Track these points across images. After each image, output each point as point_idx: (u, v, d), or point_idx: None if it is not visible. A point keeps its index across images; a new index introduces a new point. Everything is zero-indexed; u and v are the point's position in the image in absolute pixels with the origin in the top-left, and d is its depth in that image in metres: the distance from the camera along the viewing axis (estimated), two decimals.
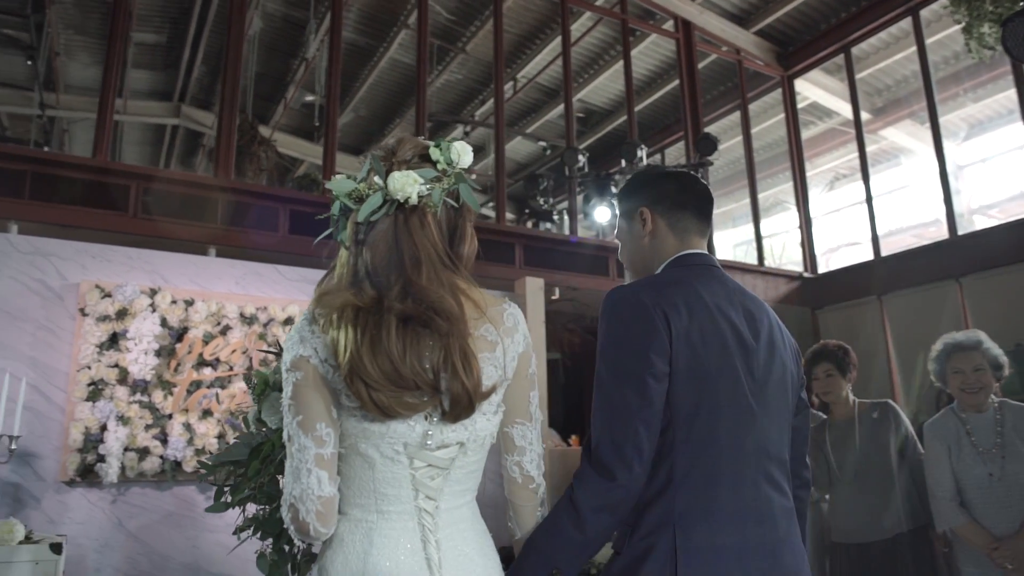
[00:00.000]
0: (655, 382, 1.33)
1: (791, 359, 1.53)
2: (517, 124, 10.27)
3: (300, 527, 1.18)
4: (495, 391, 1.26)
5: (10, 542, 2.51)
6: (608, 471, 1.31)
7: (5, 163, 5.04)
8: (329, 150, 6.18)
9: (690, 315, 1.38)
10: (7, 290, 4.11)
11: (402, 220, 1.24)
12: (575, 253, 6.78)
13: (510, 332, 1.30)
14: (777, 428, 1.44)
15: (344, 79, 9.99)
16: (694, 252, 1.54)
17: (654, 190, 1.59)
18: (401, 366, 1.13)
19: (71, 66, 9.64)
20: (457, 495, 1.27)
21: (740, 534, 1.34)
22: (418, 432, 1.20)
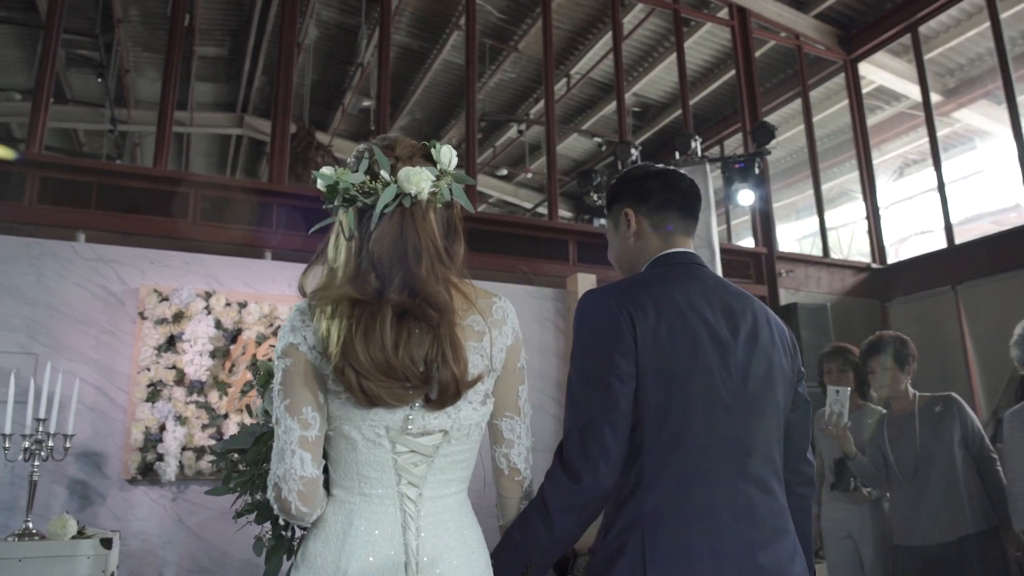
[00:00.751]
0: (620, 384, 1.34)
1: (782, 354, 1.49)
2: (572, 121, 10.19)
3: (283, 506, 1.21)
4: (481, 380, 1.28)
5: (63, 537, 2.61)
6: (575, 472, 1.33)
7: (73, 175, 5.27)
8: None
9: (658, 315, 1.39)
10: (72, 296, 4.28)
11: (409, 214, 1.27)
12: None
13: (498, 324, 1.32)
14: (761, 425, 1.41)
15: (398, 83, 10.12)
16: (676, 251, 1.54)
17: (638, 190, 1.59)
18: (392, 358, 1.16)
19: (140, 82, 10.03)
20: (443, 484, 1.28)
21: (714, 534, 1.33)
22: (399, 416, 1.22)
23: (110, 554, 2.57)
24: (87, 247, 4.43)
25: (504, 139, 10.62)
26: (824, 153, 8.80)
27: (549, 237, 6.56)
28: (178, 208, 5.42)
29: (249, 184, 5.85)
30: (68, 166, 5.30)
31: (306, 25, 9.12)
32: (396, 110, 10.61)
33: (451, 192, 1.32)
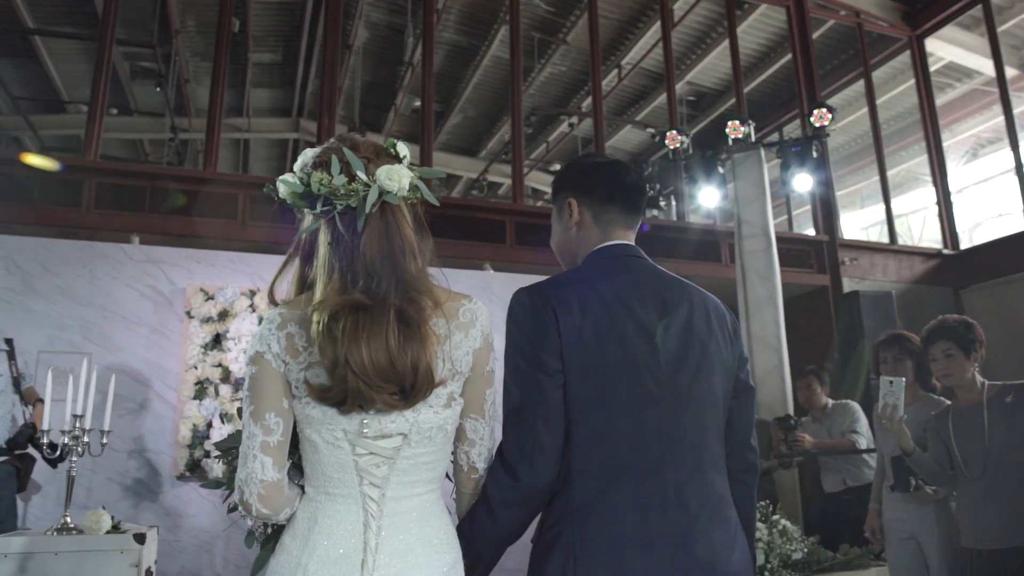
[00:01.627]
0: (548, 378, 1.37)
1: (720, 342, 1.49)
2: (625, 113, 10.02)
3: (245, 507, 1.26)
4: (443, 384, 1.28)
5: (97, 531, 2.64)
6: (512, 469, 1.36)
7: (128, 180, 5.41)
8: (426, 150, 6.22)
9: (583, 311, 1.40)
10: (123, 296, 4.38)
11: (391, 212, 1.28)
12: (681, 240, 6.50)
13: (464, 327, 1.31)
14: (694, 415, 1.42)
15: (448, 81, 10.13)
16: (613, 244, 1.54)
17: (583, 181, 1.59)
18: (397, 361, 1.19)
19: (199, 91, 10.29)
20: (407, 485, 1.28)
21: (644, 525, 1.34)
22: (355, 421, 1.24)
23: (143, 549, 2.59)
24: (137, 249, 4.53)
25: (557, 133, 10.51)
26: (890, 136, 8.41)
27: None
28: (227, 209, 5.51)
29: None
30: (123, 172, 5.44)
31: (355, 27, 9.21)
32: (448, 108, 10.62)
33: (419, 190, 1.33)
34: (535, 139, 11.01)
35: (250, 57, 9.37)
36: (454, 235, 6.02)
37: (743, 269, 5.86)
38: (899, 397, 2.87)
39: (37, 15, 8.30)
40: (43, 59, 8.83)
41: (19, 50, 8.84)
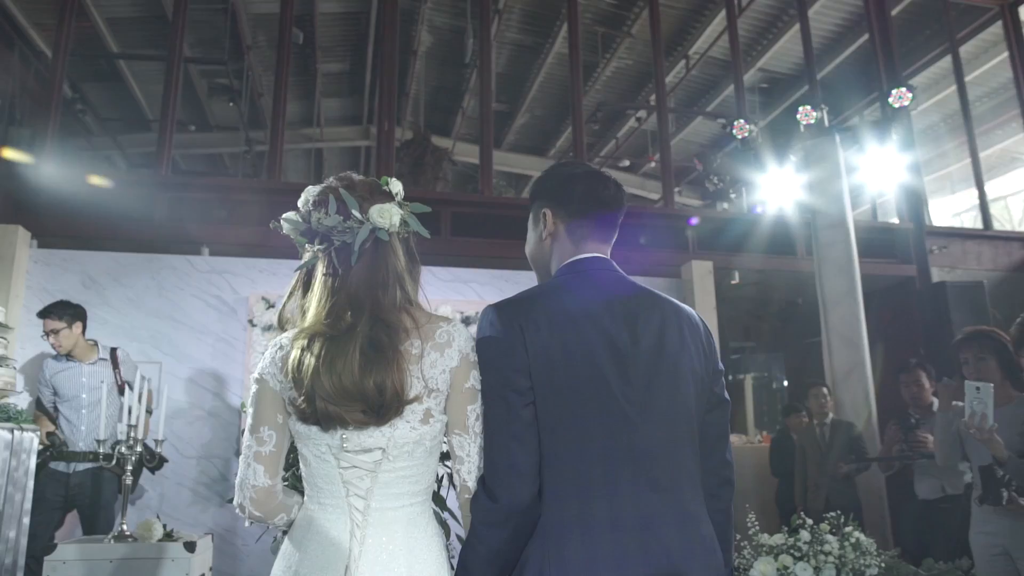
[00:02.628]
0: (518, 396, 1.37)
1: (693, 355, 1.47)
2: (696, 104, 9.73)
3: (240, 508, 1.39)
4: (419, 401, 1.35)
5: (150, 539, 2.70)
6: (490, 490, 1.36)
7: (198, 193, 5.57)
8: (486, 149, 6.18)
9: (551, 328, 1.40)
10: (190, 307, 4.50)
11: (382, 248, 1.40)
12: (752, 233, 6.23)
13: (440, 347, 1.38)
14: (666, 431, 1.41)
15: (514, 82, 10.08)
16: (585, 257, 1.53)
17: (559, 193, 1.58)
18: (359, 384, 1.28)
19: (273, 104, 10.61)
20: (390, 497, 1.36)
21: (618, 542, 1.33)
22: (336, 436, 1.33)
23: (194, 557, 2.63)
24: (202, 260, 4.65)
25: (626, 129, 10.31)
26: (982, 115, 7.86)
27: (665, 225, 6.24)
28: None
29: None
30: (193, 185, 5.61)
31: (419, 32, 9.27)
32: (514, 109, 10.58)
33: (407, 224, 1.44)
34: (604, 136, 10.85)
35: (318, 68, 9.57)
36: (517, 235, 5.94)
37: (820, 261, 5.57)
38: (987, 404, 2.64)
39: (120, 40, 8.70)
40: (128, 81, 9.25)
41: (106, 74, 9.29)
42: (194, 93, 9.99)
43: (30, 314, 4.38)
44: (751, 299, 6.49)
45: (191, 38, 9.05)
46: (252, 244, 5.28)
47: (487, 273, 5.08)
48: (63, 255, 4.52)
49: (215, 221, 5.45)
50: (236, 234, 5.37)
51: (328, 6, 8.78)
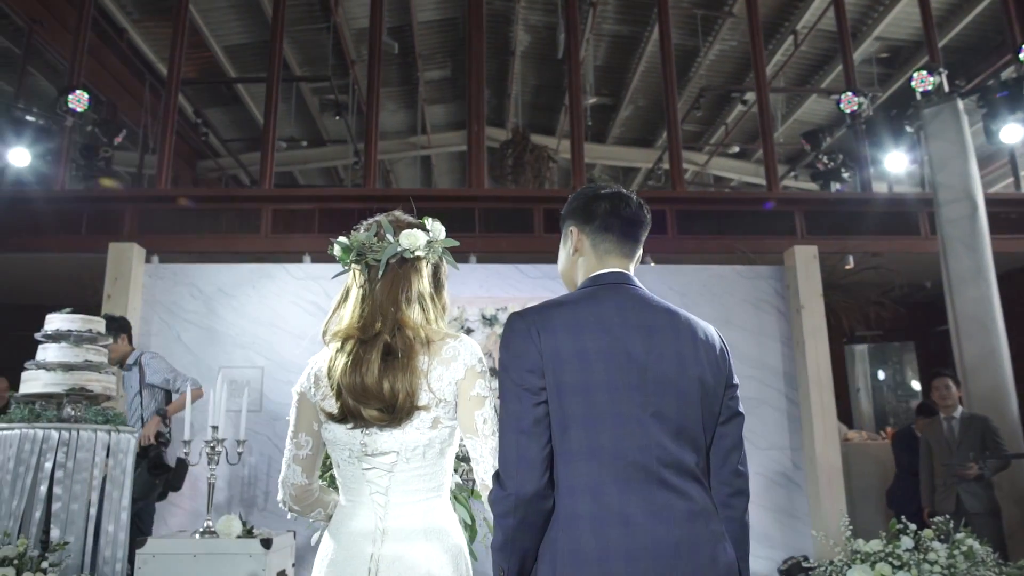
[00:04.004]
0: (531, 395, 1.47)
1: (706, 368, 1.55)
2: (808, 81, 9.20)
3: (283, 502, 1.64)
4: (427, 409, 1.53)
5: (228, 535, 2.81)
6: (501, 481, 1.47)
7: (298, 204, 5.81)
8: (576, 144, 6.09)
9: (567, 334, 1.50)
10: (288, 313, 4.69)
11: (406, 267, 1.61)
12: (867, 213, 5.80)
13: (446, 362, 1.55)
14: (675, 436, 1.49)
15: (615, 73, 9.90)
16: (607, 271, 1.65)
17: (585, 211, 1.69)
18: (376, 384, 1.49)
19: (382, 115, 10.93)
20: (408, 493, 1.55)
21: (629, 537, 1.41)
22: (357, 441, 1.54)
23: (269, 554, 2.72)
24: (298, 267, 4.83)
25: (735, 113, 9.89)
26: None
27: (771, 210, 5.92)
28: None
29: (450, 192, 6.02)
30: (294, 196, 5.86)
31: (516, 32, 9.29)
32: (617, 101, 10.39)
33: (440, 256, 1.67)
34: (713, 122, 10.46)
35: (420, 76, 9.78)
36: None
37: (944, 239, 5.09)
38: None
39: (237, 66, 9.25)
40: (246, 103, 9.82)
41: (226, 98, 9.91)
42: (307, 110, 10.47)
43: (147, 324, 4.72)
44: (870, 285, 6.03)
45: (299, 57, 9.50)
46: None
47: None
48: (174, 269, 4.83)
49: (315, 231, 5.67)
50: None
51: (425, 15, 8.96)
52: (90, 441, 2.82)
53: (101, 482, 2.85)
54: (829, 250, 5.72)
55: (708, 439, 1.55)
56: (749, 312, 4.96)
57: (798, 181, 10.35)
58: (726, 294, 4.97)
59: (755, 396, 4.82)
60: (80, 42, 6.04)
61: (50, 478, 2.72)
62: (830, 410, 4.71)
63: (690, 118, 9.86)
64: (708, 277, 5.00)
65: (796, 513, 4.67)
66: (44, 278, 6.06)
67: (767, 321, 4.96)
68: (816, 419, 4.67)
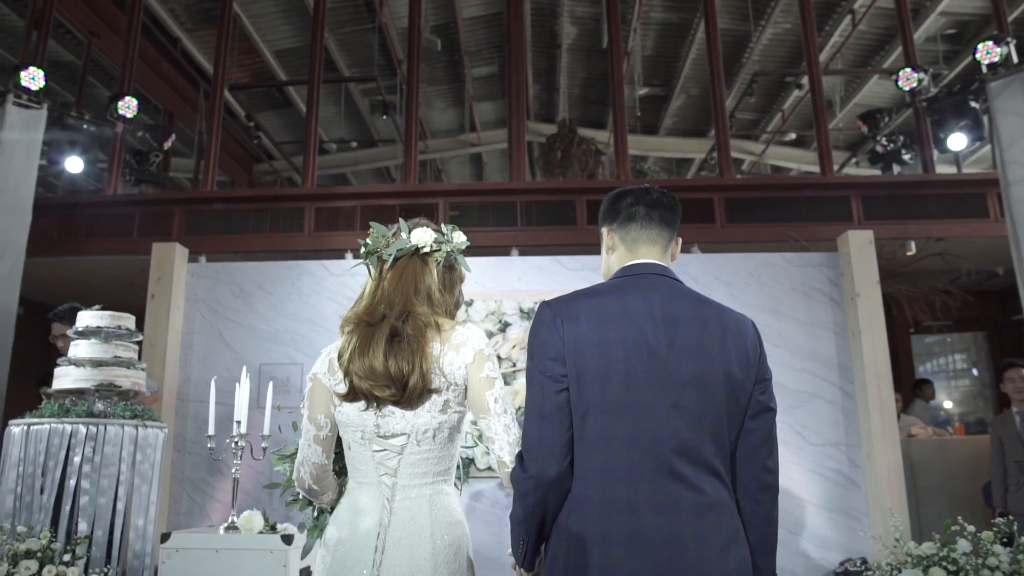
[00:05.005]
0: (553, 382, 1.52)
1: (734, 362, 1.55)
2: (869, 62, 8.80)
3: (300, 481, 1.74)
4: (439, 392, 1.61)
5: (251, 531, 2.79)
6: (524, 463, 1.53)
7: (340, 202, 5.82)
8: (619, 134, 5.94)
9: (590, 323, 1.54)
10: (327, 309, 4.70)
11: (415, 262, 1.73)
12: (929, 196, 5.48)
13: (456, 347, 1.63)
14: (694, 428, 1.50)
15: (666, 61, 9.67)
16: (636, 263, 1.67)
17: (611, 210, 1.74)
18: (382, 366, 1.57)
19: (431, 113, 10.96)
20: (416, 476, 1.62)
21: (635, 524, 1.43)
22: (370, 423, 1.62)
23: (291, 550, 2.69)
24: (336, 264, 4.83)
25: (792, 99, 9.54)
26: None
27: (825, 196, 5.65)
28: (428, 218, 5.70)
29: (491, 186, 5.95)
30: (335, 194, 5.88)
31: (561, 25, 9.16)
32: (669, 91, 10.16)
33: (455, 258, 1.79)
34: (768, 109, 10.11)
35: (467, 73, 9.75)
36: None
37: (1014, 222, 4.76)
38: None
39: (287, 68, 9.38)
40: (298, 106, 9.96)
41: (278, 102, 10.07)
42: (357, 111, 10.57)
43: (189, 323, 4.79)
44: (935, 272, 5.70)
45: (347, 59, 9.58)
46: None
47: None
48: (216, 267, 4.89)
49: (356, 228, 5.68)
50: None
51: (470, 10, 8.91)
52: (117, 436, 2.84)
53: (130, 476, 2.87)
54: (889, 236, 5.44)
55: (734, 433, 1.55)
56: (799, 301, 4.73)
57: (860, 168, 9.93)
58: (775, 283, 4.76)
59: (807, 389, 4.60)
60: (130, 51, 6.20)
61: (78, 472, 2.76)
62: (889, 404, 4.45)
63: (744, 106, 9.56)
64: (756, 265, 4.79)
65: (854, 513, 4.43)
66: (99, 280, 6.24)
67: (819, 310, 4.72)
68: (874, 413, 4.42)
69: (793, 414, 4.56)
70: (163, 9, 8.36)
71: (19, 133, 5.22)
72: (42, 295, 6.64)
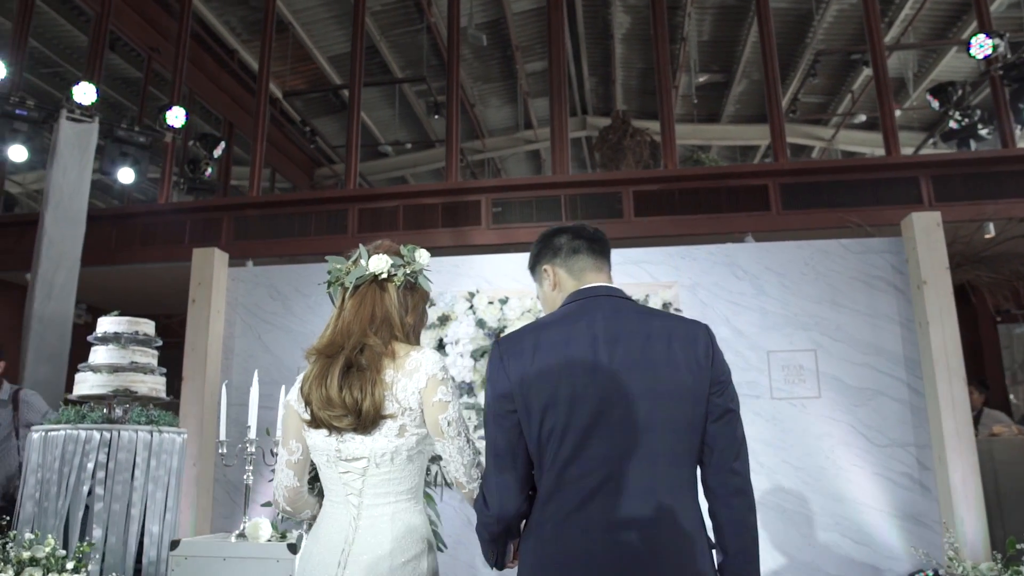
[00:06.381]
0: (503, 418, 1.58)
1: (684, 369, 1.57)
2: (947, 33, 8.22)
3: (275, 503, 1.84)
4: (393, 417, 1.65)
5: (257, 539, 2.73)
6: (484, 498, 1.63)
7: (382, 203, 5.78)
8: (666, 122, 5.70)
9: (534, 354, 1.58)
10: None
11: (374, 288, 1.76)
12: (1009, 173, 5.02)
13: (409, 374, 1.66)
14: (648, 440, 1.51)
15: (725, 46, 9.31)
16: (581, 288, 1.71)
17: (550, 247, 1.80)
18: (337, 395, 1.63)
19: (487, 112, 10.88)
20: (380, 496, 1.67)
21: (588, 543, 1.47)
22: (332, 447, 1.68)
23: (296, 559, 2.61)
24: None
25: (862, 79, 9.03)
26: None
27: (892, 177, 5.26)
28: (471, 216, 5.61)
29: (533, 180, 5.79)
30: (377, 195, 5.84)
31: (614, 14, 8.92)
32: (730, 77, 9.78)
33: (415, 278, 1.82)
34: (837, 91, 9.60)
35: (519, 69, 9.62)
36: (706, 209, 5.39)
37: None
38: None
39: (341, 73, 9.46)
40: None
41: (334, 106, 10.19)
42: (413, 113, 10.59)
43: (230, 327, 4.81)
44: (1018, 255, 5.23)
45: (400, 61, 9.60)
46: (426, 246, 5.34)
47: (661, 251, 4.62)
48: (255, 271, 4.90)
49: (400, 227, 5.62)
50: (414, 238, 5.49)
51: (519, 4, 8.78)
52: (131, 441, 2.83)
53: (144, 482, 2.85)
54: (964, 218, 5.03)
55: (695, 439, 1.55)
56: (859, 290, 4.39)
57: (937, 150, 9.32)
58: (831, 272, 4.43)
59: (870, 386, 4.26)
60: (180, 62, 6.32)
61: (92, 478, 2.75)
62: (962, 401, 4.06)
63: (809, 88, 9.11)
64: (810, 253, 4.47)
65: (925, 520, 4.07)
66: (154, 287, 6.40)
67: (881, 300, 4.37)
68: (945, 411, 4.05)
69: (855, 413, 4.23)
70: (219, 22, 8.56)
71: (72, 147, 5.39)
72: (103, 302, 6.87)
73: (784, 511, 4.15)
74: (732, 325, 4.42)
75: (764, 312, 4.42)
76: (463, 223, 5.58)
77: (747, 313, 4.43)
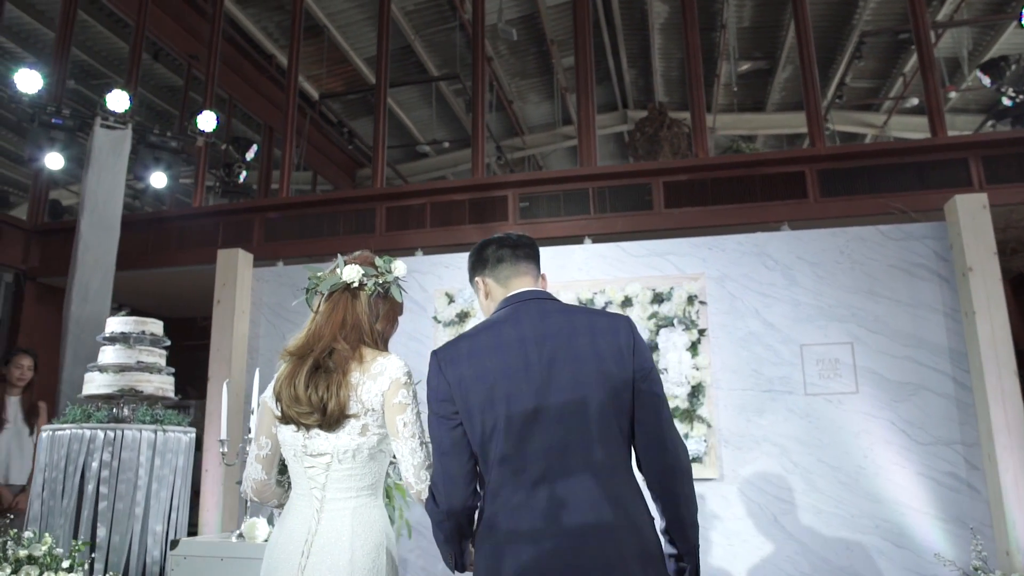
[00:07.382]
0: (446, 420, 1.68)
1: (608, 360, 1.66)
2: (1005, 9, 7.78)
3: (243, 492, 1.98)
4: (356, 417, 1.77)
5: (253, 539, 2.69)
6: (432, 495, 1.70)
7: (410, 200, 5.76)
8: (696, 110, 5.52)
9: (471, 360, 1.69)
10: None
11: (346, 296, 1.87)
12: None
13: (374, 376, 1.78)
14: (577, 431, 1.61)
15: (767, 32, 9.02)
16: (508, 295, 1.82)
17: (479, 260, 1.90)
18: (303, 394, 1.75)
19: (526, 108, 10.78)
20: (341, 491, 1.78)
21: (541, 529, 1.55)
22: (299, 442, 1.80)
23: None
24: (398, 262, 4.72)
25: (913, 60, 8.61)
26: None
27: (938, 159, 4.98)
28: (498, 211, 5.53)
29: (560, 174, 5.67)
30: (404, 193, 5.81)
31: (650, 4, 8.72)
32: (774, 64, 9.46)
33: (385, 289, 1.92)
34: (888, 74, 9.19)
35: (554, 64, 9.50)
36: (740, 199, 5.20)
37: None
38: None
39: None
40: (394, 111, 10.08)
41: (372, 107, 10.22)
42: (451, 111, 10.57)
43: (255, 327, 4.84)
44: None
45: (436, 60, 9.57)
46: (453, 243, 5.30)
47: (687, 242, 4.45)
48: (277, 271, 4.92)
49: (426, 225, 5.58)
50: (441, 235, 5.45)
51: None
52: (135, 441, 2.84)
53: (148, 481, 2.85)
54: (1018, 200, 4.72)
55: (625, 423, 1.65)
56: (899, 279, 4.15)
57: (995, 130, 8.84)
58: (869, 260, 4.20)
59: (912, 380, 4.02)
60: (212, 67, 6.41)
61: (96, 477, 2.77)
62: (1013, 395, 3.80)
63: (857, 72, 8.74)
64: (846, 241, 4.25)
65: (973, 523, 3.82)
66: (189, 289, 6.50)
67: (923, 289, 4.12)
68: (994, 406, 3.79)
69: (895, 409, 4.00)
70: (256, 28, 8.68)
71: (107, 154, 5.49)
72: (140, 304, 7.01)
73: (820, 512, 3.95)
74: (762, 318, 4.23)
75: (796, 304, 4.22)
76: (490, 219, 5.50)
77: (778, 305, 4.24)
